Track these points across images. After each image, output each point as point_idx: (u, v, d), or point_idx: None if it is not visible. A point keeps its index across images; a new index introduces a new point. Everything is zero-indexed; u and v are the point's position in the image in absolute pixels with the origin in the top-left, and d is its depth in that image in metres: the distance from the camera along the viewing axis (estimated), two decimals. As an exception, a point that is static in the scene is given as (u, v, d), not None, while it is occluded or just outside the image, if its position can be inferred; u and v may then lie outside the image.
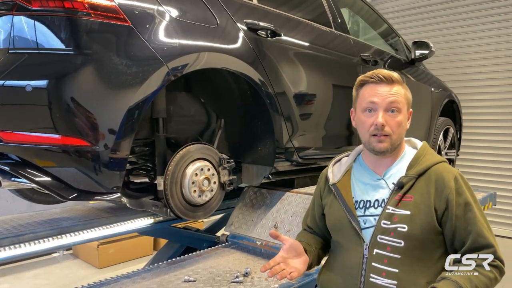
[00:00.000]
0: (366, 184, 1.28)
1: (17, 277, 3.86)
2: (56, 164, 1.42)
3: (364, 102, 1.24)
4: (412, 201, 1.17)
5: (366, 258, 1.20)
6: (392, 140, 1.21)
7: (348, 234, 1.25)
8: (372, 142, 1.22)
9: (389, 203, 1.20)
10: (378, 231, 1.19)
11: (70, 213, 2.27)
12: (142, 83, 1.47)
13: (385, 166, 1.27)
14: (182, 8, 1.68)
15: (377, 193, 1.25)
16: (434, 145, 3.57)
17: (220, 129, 2.13)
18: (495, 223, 5.07)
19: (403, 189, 1.19)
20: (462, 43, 5.40)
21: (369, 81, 1.25)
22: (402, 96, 1.23)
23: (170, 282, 1.64)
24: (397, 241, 1.16)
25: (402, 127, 1.23)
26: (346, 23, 2.77)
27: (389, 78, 1.22)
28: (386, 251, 1.17)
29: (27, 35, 1.41)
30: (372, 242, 1.20)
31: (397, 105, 1.21)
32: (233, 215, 2.22)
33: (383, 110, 1.20)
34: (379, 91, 1.22)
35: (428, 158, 1.24)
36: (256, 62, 1.90)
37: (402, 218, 1.17)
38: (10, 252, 1.66)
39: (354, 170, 1.34)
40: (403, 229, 1.15)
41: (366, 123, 1.23)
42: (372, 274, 1.17)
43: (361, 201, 1.26)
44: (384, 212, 1.19)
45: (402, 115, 1.22)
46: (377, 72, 1.24)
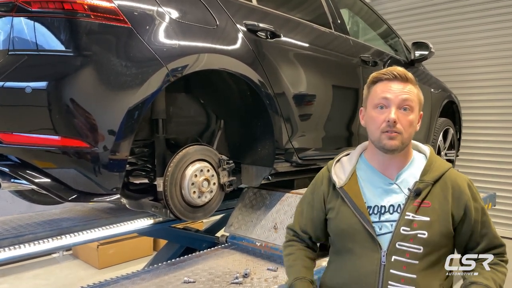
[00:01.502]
0: (377, 188, 1.25)
1: (17, 277, 3.86)
2: (55, 166, 1.42)
3: (377, 98, 1.21)
4: (431, 207, 1.17)
5: (384, 265, 1.16)
6: (403, 139, 1.18)
7: (361, 241, 1.21)
8: (383, 139, 1.18)
9: (407, 209, 1.17)
10: (397, 237, 1.16)
11: (70, 213, 2.27)
12: (141, 85, 1.47)
13: (395, 168, 1.24)
14: (181, 10, 1.68)
15: (391, 198, 1.22)
16: (434, 145, 3.57)
17: (219, 130, 2.13)
18: (495, 223, 5.02)
19: (421, 195, 1.18)
20: (462, 43, 5.39)
21: (382, 78, 1.22)
22: (415, 96, 1.21)
23: (170, 283, 1.64)
24: (417, 247, 1.15)
25: (413, 127, 1.21)
26: (346, 24, 2.77)
27: (403, 76, 1.20)
28: (405, 258, 1.15)
29: (27, 36, 1.41)
30: (390, 248, 1.16)
31: (410, 103, 1.19)
32: (233, 216, 2.23)
33: (396, 107, 1.18)
34: (392, 88, 1.19)
35: (439, 164, 1.24)
36: (256, 63, 1.90)
37: (422, 224, 1.16)
38: (10, 253, 1.67)
39: (360, 172, 1.30)
40: (423, 235, 1.15)
41: (378, 120, 1.19)
42: (391, 281, 1.15)
43: (375, 207, 1.22)
44: (403, 218, 1.17)
45: (414, 115, 1.20)
46: (391, 69, 1.21)
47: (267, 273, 1.77)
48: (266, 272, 1.78)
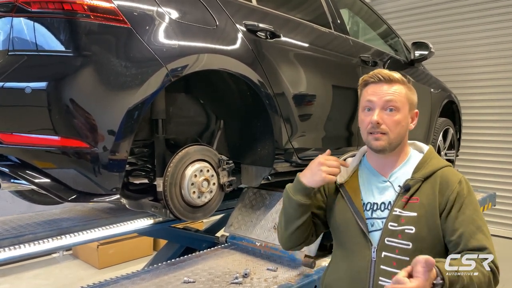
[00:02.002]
0: (372, 186, 1.28)
1: (17, 277, 3.86)
2: (55, 166, 1.42)
3: (364, 101, 1.26)
4: (418, 203, 1.18)
5: (374, 261, 1.19)
6: (390, 139, 1.21)
7: (354, 237, 1.24)
8: (370, 140, 1.23)
9: (396, 205, 1.20)
10: (386, 233, 1.19)
11: (69, 213, 2.27)
12: (141, 85, 1.48)
13: (390, 167, 1.27)
14: (181, 10, 1.68)
15: (384, 195, 1.25)
16: (434, 145, 3.57)
17: (219, 130, 2.13)
18: (494, 223, 5.07)
19: (410, 191, 1.19)
20: (462, 43, 5.40)
21: (369, 81, 1.26)
22: (401, 96, 1.23)
23: (170, 283, 1.64)
24: (405, 243, 1.16)
25: (401, 126, 1.23)
26: (346, 24, 2.78)
27: (387, 78, 1.23)
28: (394, 254, 1.17)
29: (27, 37, 1.41)
30: (380, 244, 1.19)
31: (395, 104, 1.21)
32: (233, 216, 2.23)
33: (380, 108, 1.21)
34: (377, 90, 1.23)
35: (434, 162, 1.24)
36: (255, 63, 1.90)
37: (409, 220, 1.17)
38: (10, 253, 1.67)
39: (360, 171, 1.34)
40: (411, 230, 1.16)
41: (365, 122, 1.24)
42: (381, 277, 1.17)
43: (368, 203, 1.26)
44: (391, 214, 1.19)
45: (400, 114, 1.22)
46: (376, 72, 1.25)
47: (266, 273, 1.77)
48: (266, 272, 1.78)
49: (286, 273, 1.78)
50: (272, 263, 1.89)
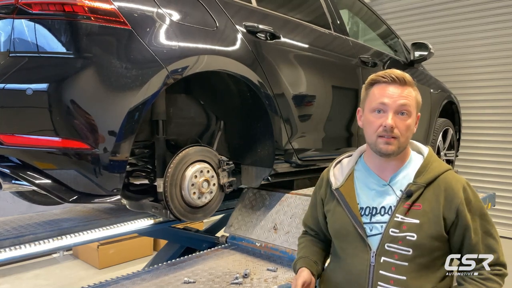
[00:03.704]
0: (371, 190, 1.25)
1: (17, 277, 3.87)
2: (56, 167, 1.43)
3: (374, 102, 1.20)
4: (421, 210, 1.16)
5: (373, 266, 1.18)
6: (400, 143, 1.18)
7: (353, 241, 1.22)
8: (379, 143, 1.18)
9: (398, 211, 1.18)
10: (386, 239, 1.17)
11: (70, 214, 2.28)
12: (142, 86, 1.48)
13: (391, 170, 1.24)
14: (181, 11, 1.69)
15: (384, 199, 1.22)
16: (433, 146, 3.58)
17: (219, 131, 2.13)
18: (494, 223, 5.06)
19: (412, 197, 1.17)
20: (462, 43, 5.39)
21: (380, 81, 1.21)
22: (413, 99, 1.20)
23: (170, 283, 1.64)
24: (406, 249, 1.15)
25: (411, 131, 1.20)
26: (345, 24, 2.78)
27: (402, 79, 1.19)
28: (394, 259, 1.16)
29: (28, 38, 1.42)
30: (379, 250, 1.18)
31: (408, 108, 1.18)
32: (233, 216, 2.23)
33: (393, 112, 1.17)
34: (390, 92, 1.18)
35: (436, 165, 1.22)
36: (255, 64, 1.91)
37: (411, 226, 1.15)
38: (11, 253, 1.67)
39: (357, 173, 1.31)
40: (412, 237, 1.14)
41: (374, 124, 1.19)
42: (380, 282, 1.16)
43: (367, 208, 1.23)
44: (393, 220, 1.17)
45: (411, 119, 1.19)
46: (389, 72, 1.20)
47: (267, 273, 1.78)
48: (266, 272, 1.79)
49: (286, 273, 1.78)
50: (272, 263, 1.89)
